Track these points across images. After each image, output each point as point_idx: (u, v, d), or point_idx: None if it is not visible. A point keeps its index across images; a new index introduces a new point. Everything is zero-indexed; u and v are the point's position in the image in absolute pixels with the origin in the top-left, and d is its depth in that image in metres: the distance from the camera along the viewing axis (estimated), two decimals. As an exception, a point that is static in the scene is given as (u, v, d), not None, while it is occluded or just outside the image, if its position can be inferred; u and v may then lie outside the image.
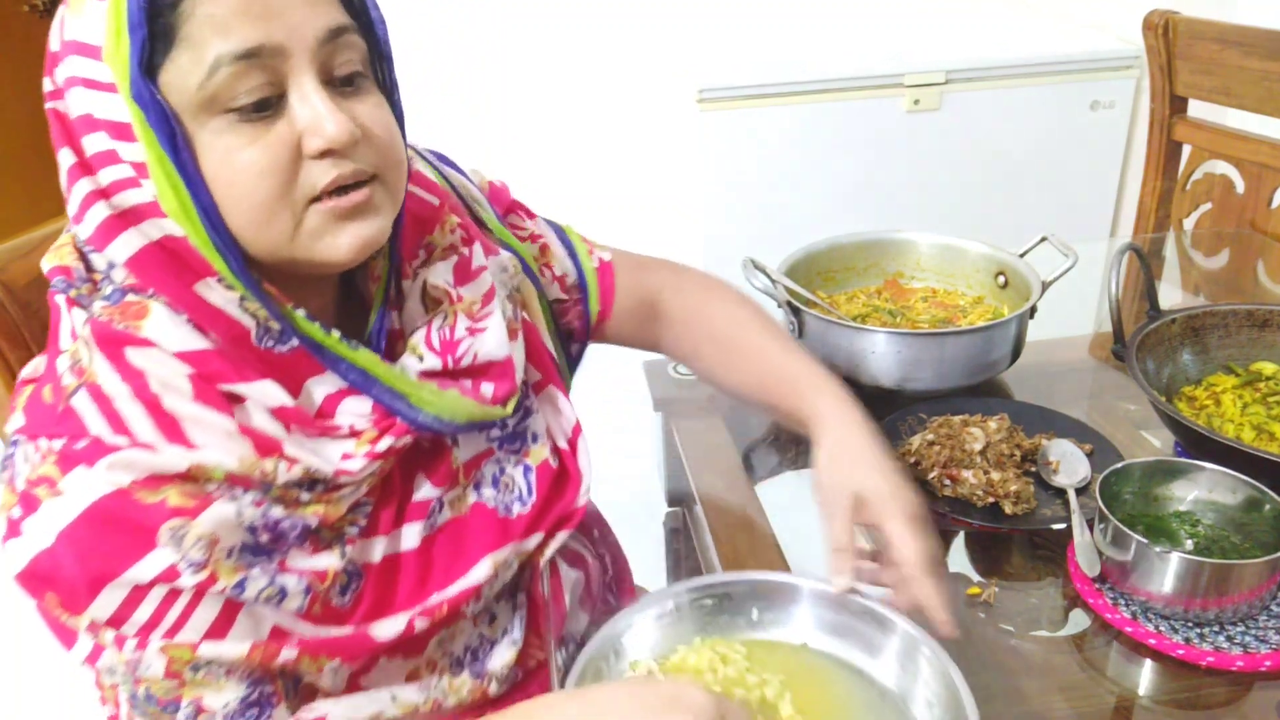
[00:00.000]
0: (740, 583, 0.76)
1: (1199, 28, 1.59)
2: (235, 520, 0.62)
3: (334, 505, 0.66)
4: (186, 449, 0.61)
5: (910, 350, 1.08)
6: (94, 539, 0.59)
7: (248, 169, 0.61)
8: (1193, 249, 1.63)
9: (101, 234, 0.62)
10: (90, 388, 0.61)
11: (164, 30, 0.59)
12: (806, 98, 2.06)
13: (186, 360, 0.62)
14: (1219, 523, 0.86)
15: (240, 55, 0.59)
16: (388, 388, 0.68)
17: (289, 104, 0.62)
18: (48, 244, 0.88)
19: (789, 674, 0.72)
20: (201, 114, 0.60)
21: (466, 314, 0.73)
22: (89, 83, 0.61)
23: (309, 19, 0.61)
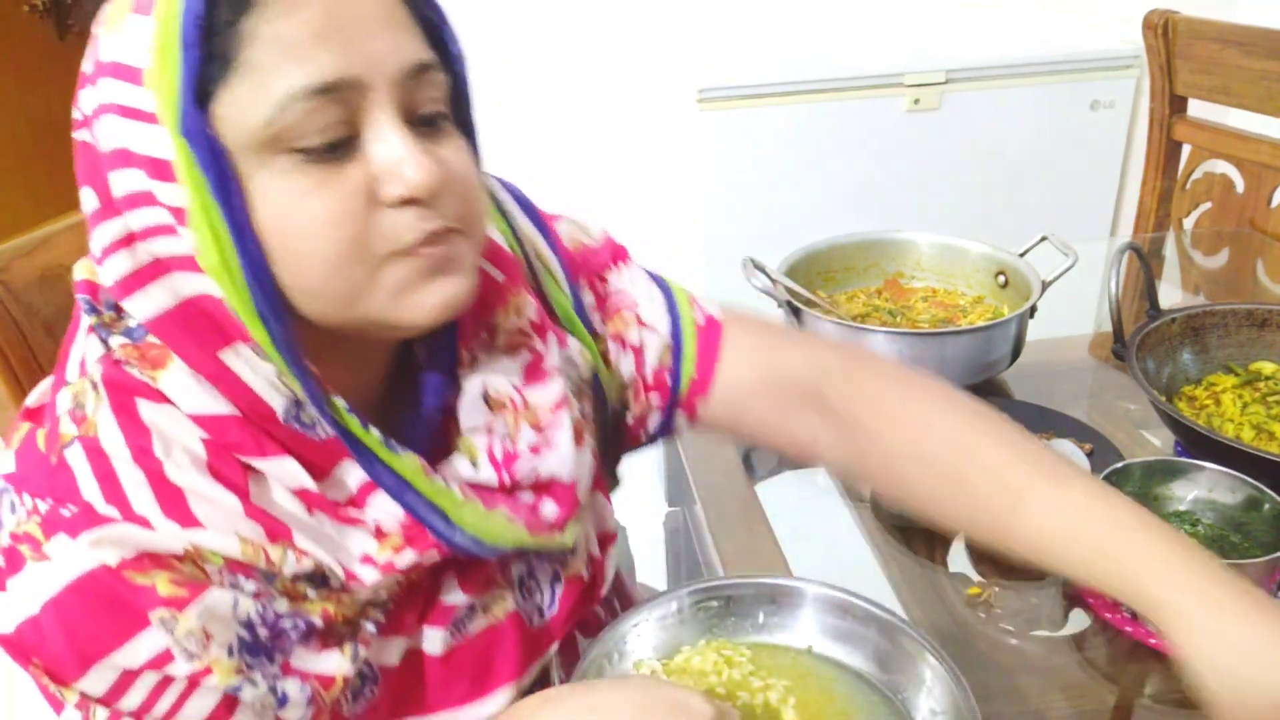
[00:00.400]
0: (746, 585, 0.76)
1: (1199, 27, 1.59)
2: (230, 614, 0.54)
3: (344, 605, 0.58)
4: (184, 528, 0.53)
5: (910, 350, 1.08)
6: (81, 615, 0.52)
7: (316, 218, 0.53)
8: (1193, 248, 1.63)
9: (122, 286, 0.54)
10: (87, 442, 0.54)
11: (221, 52, 0.51)
12: (806, 98, 2.06)
13: (202, 424, 0.55)
14: (1219, 522, 0.86)
15: (316, 89, 0.51)
16: (424, 499, 0.59)
17: (363, 144, 0.54)
18: (48, 244, 0.88)
19: (794, 678, 0.72)
20: (261, 153, 0.52)
21: (532, 424, 0.65)
22: (126, 111, 0.52)
23: (393, 50, 0.54)
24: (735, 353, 0.77)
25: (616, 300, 0.77)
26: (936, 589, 0.87)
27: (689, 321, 0.77)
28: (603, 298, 0.76)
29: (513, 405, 0.65)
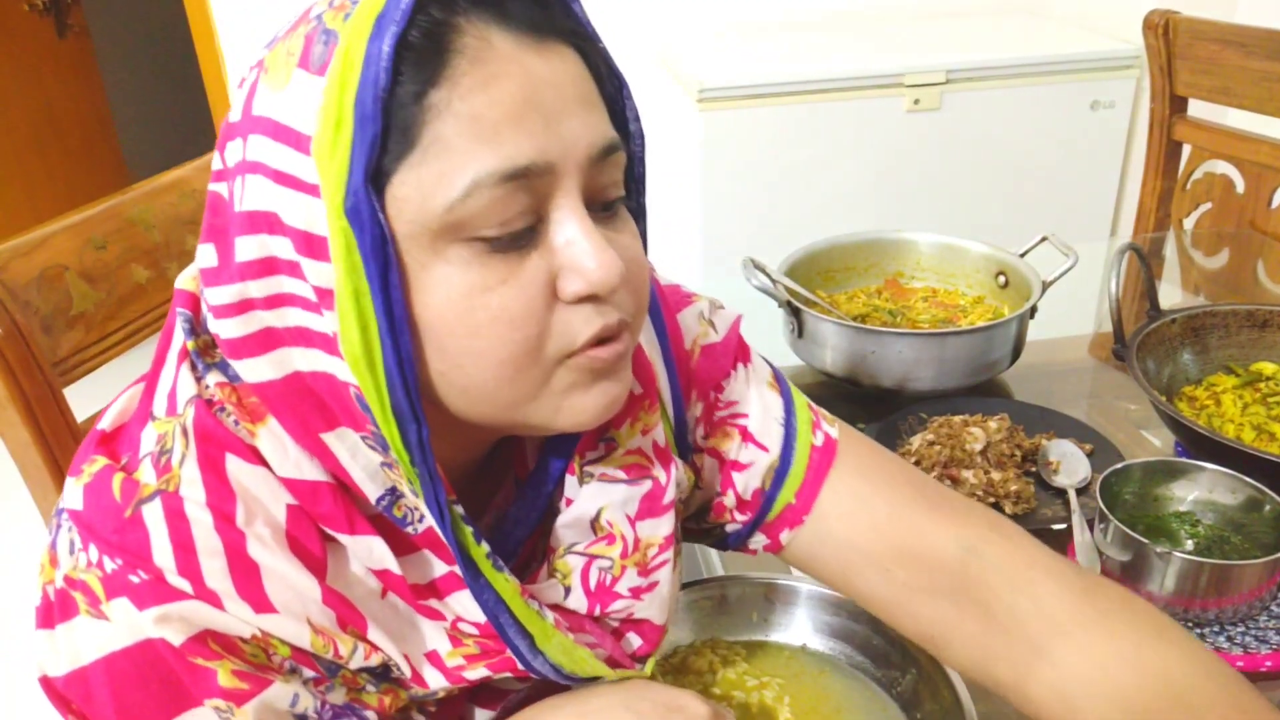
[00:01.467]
0: (741, 584, 0.76)
1: (1199, 28, 1.59)
2: (287, 709, 0.51)
3: (399, 699, 0.56)
4: (256, 612, 0.50)
5: (910, 350, 1.08)
6: (133, 683, 0.50)
7: (499, 314, 0.47)
8: (1193, 249, 1.63)
9: (236, 347, 0.50)
10: (168, 500, 0.50)
11: (402, 127, 0.45)
12: (806, 98, 2.06)
13: (293, 489, 0.51)
14: (1219, 523, 0.86)
15: (509, 175, 0.46)
16: (516, 621, 0.54)
17: (547, 233, 0.49)
18: (47, 243, 0.88)
19: (788, 676, 0.72)
20: (437, 241, 0.46)
21: (639, 565, 0.59)
22: (281, 177, 0.46)
23: (586, 131, 0.49)
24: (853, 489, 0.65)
25: (726, 413, 0.68)
26: (936, 589, 0.87)
27: (805, 441, 0.67)
28: (712, 409, 0.68)
29: (624, 541, 0.59)
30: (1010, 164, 2.18)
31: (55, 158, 2.87)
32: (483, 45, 0.46)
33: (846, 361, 1.10)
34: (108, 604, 0.49)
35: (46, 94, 2.79)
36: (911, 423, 1.05)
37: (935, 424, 1.01)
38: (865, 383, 1.10)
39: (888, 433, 1.02)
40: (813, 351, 1.14)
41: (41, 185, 2.84)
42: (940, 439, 0.98)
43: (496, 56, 0.46)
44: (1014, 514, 0.91)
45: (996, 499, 0.92)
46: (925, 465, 0.96)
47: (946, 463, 0.95)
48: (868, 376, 1.10)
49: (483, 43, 0.46)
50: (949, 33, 2.32)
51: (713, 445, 0.67)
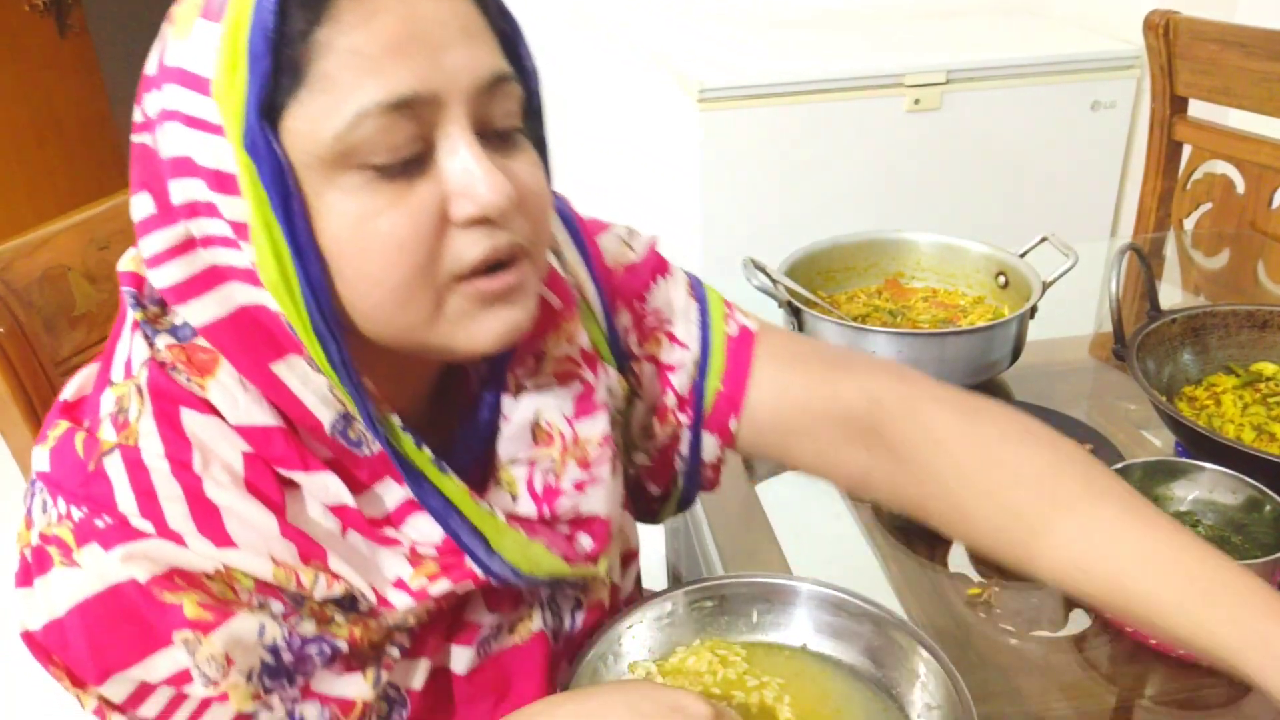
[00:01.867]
0: (740, 584, 0.76)
1: (1199, 28, 1.59)
2: (255, 641, 0.53)
3: (371, 630, 0.57)
4: (218, 546, 0.52)
5: (910, 350, 1.08)
6: (106, 626, 0.52)
7: (385, 240, 0.50)
8: (1193, 249, 1.63)
9: (178, 292, 0.53)
10: (127, 452, 0.53)
11: (291, 65, 0.48)
12: (806, 98, 2.06)
13: (246, 436, 0.54)
14: (1219, 523, 0.86)
15: (391, 105, 0.49)
16: (469, 523, 0.58)
17: (436, 159, 0.52)
18: (49, 243, 0.88)
19: (788, 676, 0.72)
20: (330, 170, 0.50)
21: (579, 460, 0.63)
22: (191, 120, 0.50)
23: (470, 62, 0.51)
24: (773, 373, 0.72)
25: (653, 320, 0.73)
26: (936, 589, 0.87)
27: (719, 333, 0.73)
28: (640, 318, 0.73)
29: (562, 439, 0.63)
30: (1010, 164, 2.19)
31: (57, 158, 2.87)
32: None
33: (847, 361, 1.10)
34: (79, 551, 0.52)
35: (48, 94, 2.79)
36: (912, 423, 1.05)
37: (935, 424, 1.01)
38: (865, 383, 1.10)
39: (888, 433, 1.02)
40: (813, 351, 1.14)
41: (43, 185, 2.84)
42: (940, 439, 0.98)
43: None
44: (1014, 514, 0.91)
45: (996, 499, 0.92)
46: (925, 465, 0.96)
47: (947, 463, 0.95)
48: (868, 376, 1.10)
49: None
50: (949, 33, 2.32)
51: (649, 352, 0.73)
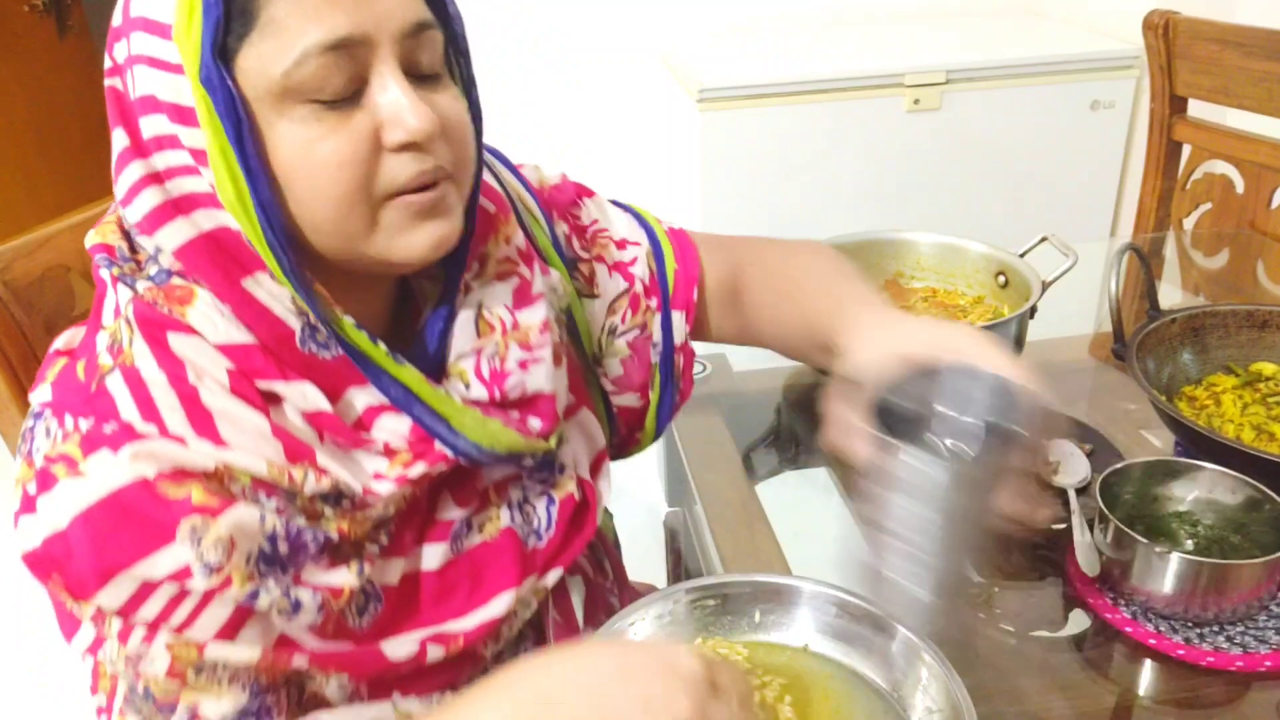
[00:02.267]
0: (743, 584, 0.76)
1: (1199, 28, 1.59)
2: (257, 526, 0.59)
3: (357, 523, 0.63)
4: (216, 446, 0.59)
5: (910, 350, 1.08)
6: (110, 527, 0.57)
7: (328, 161, 0.59)
8: (1193, 249, 1.63)
9: (151, 220, 0.60)
10: (126, 370, 0.60)
11: (242, 11, 0.56)
12: (806, 98, 2.06)
13: (228, 354, 0.61)
14: (1219, 523, 0.86)
15: (330, 46, 0.57)
16: (429, 408, 0.65)
17: (370, 94, 0.60)
18: (49, 243, 0.88)
19: (790, 676, 0.72)
20: (279, 103, 0.58)
21: (521, 343, 0.70)
22: (154, 62, 0.57)
23: (395, 9, 0.59)
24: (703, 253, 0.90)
25: (592, 229, 0.86)
26: (936, 589, 0.87)
27: (658, 226, 0.89)
28: (579, 229, 0.85)
29: (503, 326, 0.70)
30: (1010, 164, 2.19)
31: (57, 158, 2.87)
32: None
33: (847, 361, 1.10)
34: (85, 461, 0.57)
35: (48, 94, 2.79)
36: (912, 423, 1.05)
37: (935, 424, 1.01)
38: (865, 383, 1.10)
39: (888, 433, 1.02)
40: (813, 351, 1.14)
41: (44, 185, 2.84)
42: (940, 439, 0.98)
43: None
44: (1014, 514, 0.91)
45: (996, 499, 0.92)
46: (925, 465, 0.96)
47: (947, 463, 0.95)
48: (868, 376, 1.10)
49: None
50: (949, 33, 2.32)
51: (596, 254, 0.85)
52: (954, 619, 0.65)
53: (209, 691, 0.60)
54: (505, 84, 2.37)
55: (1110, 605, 0.83)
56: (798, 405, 1.18)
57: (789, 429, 1.16)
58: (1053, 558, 0.90)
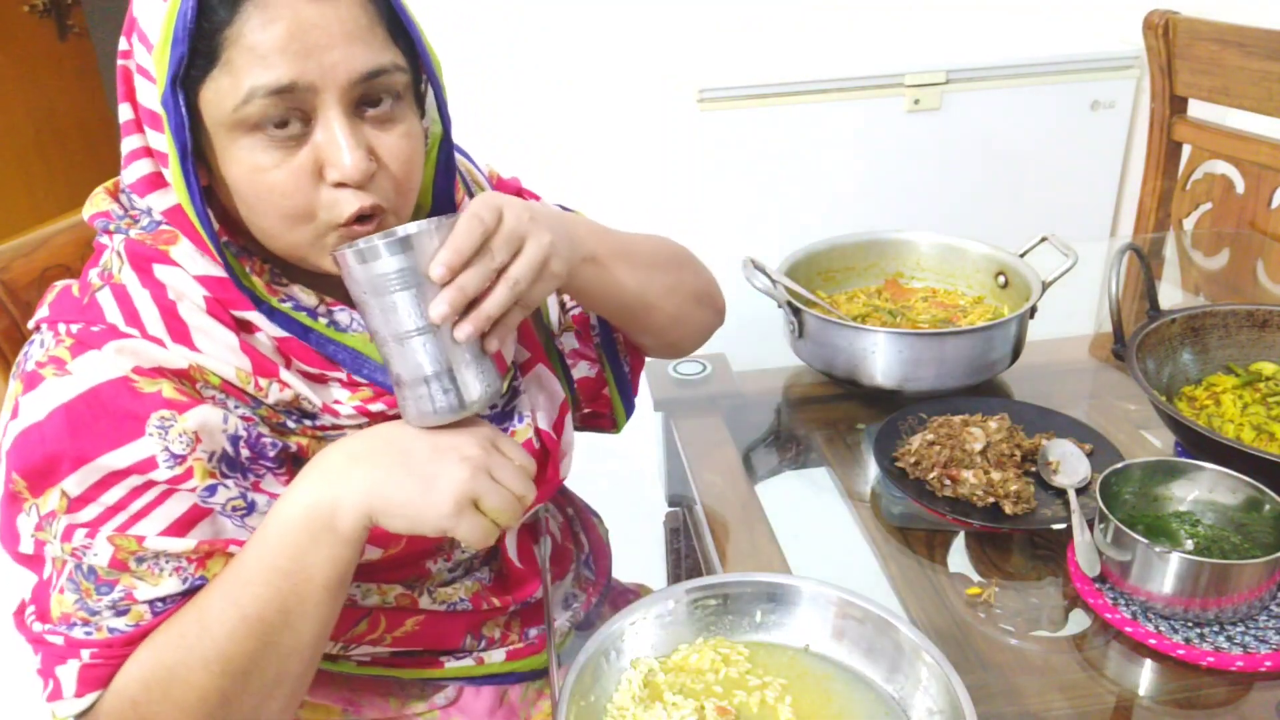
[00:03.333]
0: (744, 584, 0.76)
1: (1199, 28, 1.59)
2: (219, 427, 0.67)
3: (317, 441, 0.70)
4: (191, 350, 0.67)
5: (910, 350, 1.08)
6: (86, 418, 0.64)
7: (273, 189, 0.66)
8: (1193, 249, 1.63)
9: (143, 184, 0.69)
10: (115, 287, 0.68)
11: (208, 50, 0.63)
12: (806, 98, 2.06)
13: (205, 284, 0.68)
14: (1219, 523, 0.86)
15: (274, 90, 0.63)
16: (378, 365, 0.72)
17: (312, 131, 0.66)
18: (48, 244, 0.88)
19: (791, 677, 0.73)
20: (234, 131, 0.65)
21: None
22: (140, 69, 0.66)
23: (346, 60, 0.65)
24: None
25: None
26: (936, 589, 0.87)
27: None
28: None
29: None
30: (1010, 164, 2.19)
31: (56, 159, 2.87)
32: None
33: (846, 361, 1.10)
34: (73, 362, 0.66)
35: (48, 96, 2.79)
36: (911, 423, 1.05)
37: (935, 424, 1.01)
38: (865, 383, 1.10)
39: (888, 433, 1.02)
40: (813, 351, 1.14)
41: (43, 186, 2.84)
42: (940, 439, 0.98)
43: (276, 3, 0.63)
44: (1014, 514, 0.91)
45: (996, 499, 0.92)
46: (925, 465, 0.96)
47: (946, 463, 0.95)
48: (867, 376, 1.10)
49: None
50: (949, 33, 2.32)
51: None
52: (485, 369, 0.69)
53: (148, 578, 0.67)
54: (503, 84, 2.37)
55: (1110, 605, 0.83)
56: (798, 405, 1.18)
57: (789, 429, 1.16)
58: (1053, 558, 0.90)
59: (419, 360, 0.66)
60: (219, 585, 0.67)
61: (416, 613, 0.81)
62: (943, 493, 0.94)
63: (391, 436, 0.68)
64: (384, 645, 0.81)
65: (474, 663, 0.85)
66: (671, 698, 0.70)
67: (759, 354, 1.25)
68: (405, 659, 0.83)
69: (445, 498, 0.65)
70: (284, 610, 0.66)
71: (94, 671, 0.67)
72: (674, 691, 0.70)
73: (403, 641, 0.81)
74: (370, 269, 0.64)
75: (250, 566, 0.66)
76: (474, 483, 0.65)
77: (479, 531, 0.66)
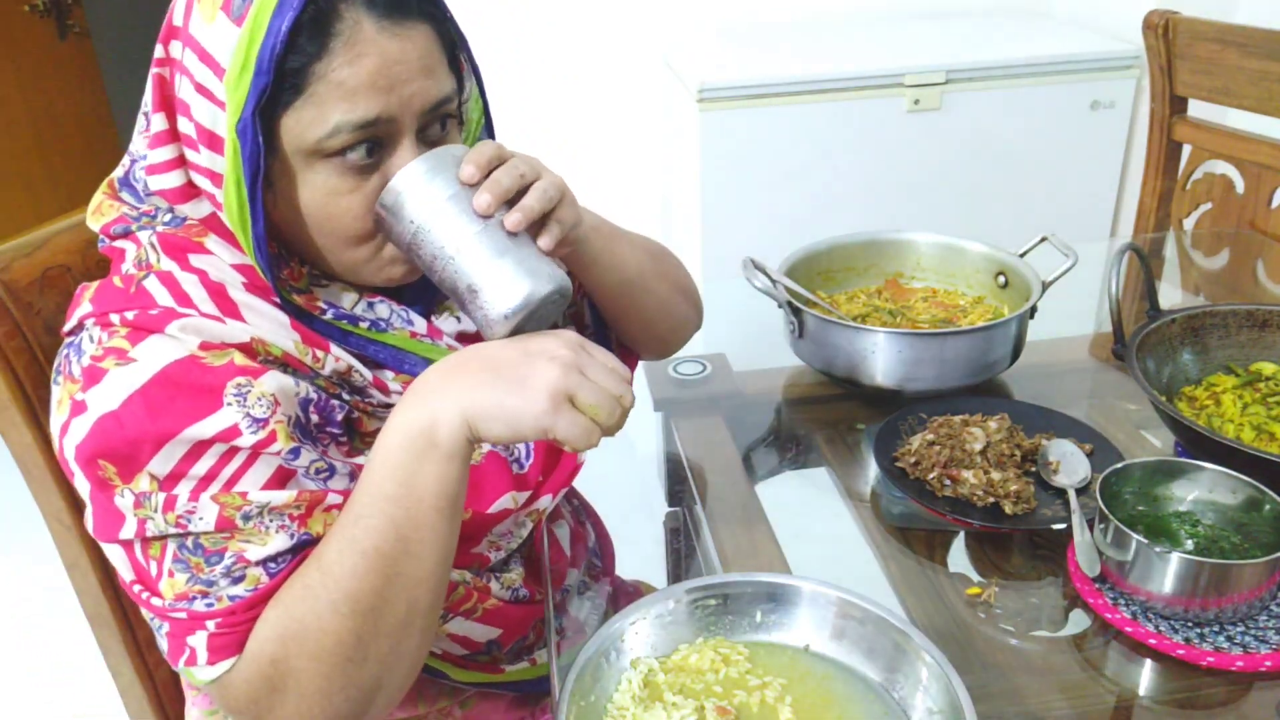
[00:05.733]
0: (744, 584, 0.77)
1: (1199, 28, 1.59)
2: (292, 388, 0.69)
3: (369, 416, 0.74)
4: (246, 325, 0.69)
5: (910, 350, 1.08)
6: (163, 399, 0.65)
7: (345, 213, 0.70)
8: (1193, 249, 1.63)
9: (178, 194, 0.71)
10: (160, 274, 0.70)
11: (292, 80, 0.65)
12: (806, 98, 2.06)
13: (241, 271, 0.71)
14: (1219, 523, 0.86)
15: (360, 125, 0.66)
16: (419, 359, 0.76)
17: (385, 160, 0.70)
18: (50, 244, 0.88)
19: (791, 677, 0.73)
20: (310, 158, 0.68)
21: None
22: (200, 88, 0.66)
23: (421, 92, 0.69)
24: None
25: None
26: (936, 589, 0.87)
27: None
28: None
29: None
30: (1010, 164, 2.19)
31: (57, 159, 2.87)
32: (355, 29, 0.65)
33: (846, 361, 1.10)
34: (134, 349, 0.67)
35: (48, 95, 2.79)
36: (911, 423, 1.05)
37: (935, 424, 1.01)
38: (865, 383, 1.10)
39: (888, 433, 1.02)
40: (813, 351, 1.14)
41: (43, 186, 2.84)
42: (940, 439, 0.98)
43: (362, 39, 0.66)
44: (1014, 514, 0.91)
45: (996, 499, 0.92)
46: (925, 465, 0.96)
47: (946, 463, 0.95)
48: (868, 376, 1.10)
49: (355, 27, 0.65)
50: (949, 33, 2.32)
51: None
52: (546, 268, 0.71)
53: (255, 536, 0.68)
54: (504, 82, 2.37)
55: (1110, 605, 0.83)
56: (798, 405, 1.18)
57: (789, 429, 1.16)
58: (1053, 558, 0.90)
59: (481, 257, 0.68)
60: (335, 530, 0.68)
61: (489, 596, 0.81)
62: (943, 493, 0.94)
63: (481, 351, 0.69)
64: (475, 617, 0.81)
65: (528, 664, 0.87)
66: (671, 698, 0.70)
67: (759, 354, 1.25)
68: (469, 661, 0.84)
69: (540, 395, 0.64)
70: (401, 538, 0.66)
71: (222, 639, 0.67)
72: (674, 691, 0.70)
73: (488, 617, 0.81)
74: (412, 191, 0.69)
75: (360, 501, 0.67)
76: (566, 379, 0.65)
77: (578, 428, 0.65)
